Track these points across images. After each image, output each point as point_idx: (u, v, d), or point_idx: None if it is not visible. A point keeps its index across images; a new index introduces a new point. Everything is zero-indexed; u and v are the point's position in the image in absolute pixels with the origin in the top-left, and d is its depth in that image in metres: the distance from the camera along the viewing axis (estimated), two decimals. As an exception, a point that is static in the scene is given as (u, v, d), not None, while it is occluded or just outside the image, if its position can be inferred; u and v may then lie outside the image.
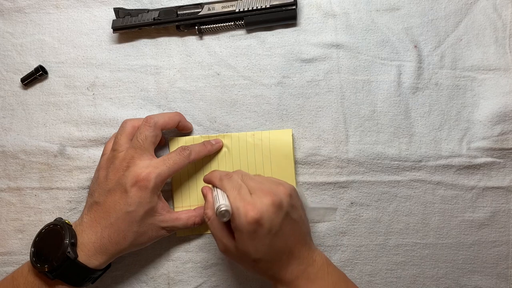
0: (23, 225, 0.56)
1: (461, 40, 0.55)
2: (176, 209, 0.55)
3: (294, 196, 0.45)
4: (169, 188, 0.55)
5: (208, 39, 0.57)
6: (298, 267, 0.44)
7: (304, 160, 0.55)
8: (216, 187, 0.47)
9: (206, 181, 0.49)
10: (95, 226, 0.48)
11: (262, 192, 0.43)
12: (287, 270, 0.44)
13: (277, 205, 0.42)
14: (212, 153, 0.54)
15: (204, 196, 0.48)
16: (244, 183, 0.45)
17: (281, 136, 0.54)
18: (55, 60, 0.57)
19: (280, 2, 0.54)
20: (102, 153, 0.53)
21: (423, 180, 0.54)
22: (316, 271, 0.45)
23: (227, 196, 0.44)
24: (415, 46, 0.55)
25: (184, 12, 0.55)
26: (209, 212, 0.46)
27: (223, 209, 0.42)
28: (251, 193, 0.43)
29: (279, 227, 0.43)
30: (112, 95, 0.57)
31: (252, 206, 0.41)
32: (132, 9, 0.56)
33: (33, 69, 0.57)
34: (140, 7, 0.57)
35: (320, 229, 0.55)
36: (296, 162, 0.55)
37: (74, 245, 0.47)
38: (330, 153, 0.55)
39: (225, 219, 0.43)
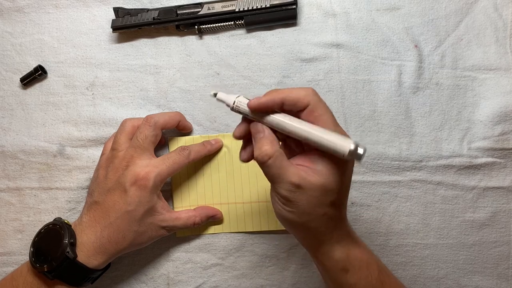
0: (22, 225, 0.56)
1: (461, 39, 0.55)
2: (176, 209, 0.54)
3: None
4: (169, 188, 0.55)
5: (208, 38, 0.56)
6: (344, 228, 0.42)
7: (304, 160, 0.55)
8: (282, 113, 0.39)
9: (264, 103, 0.38)
10: (95, 226, 0.48)
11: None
12: (346, 223, 0.42)
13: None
14: (211, 153, 0.54)
15: (255, 133, 0.39)
16: None
17: (281, 136, 0.54)
18: (55, 60, 0.57)
19: (280, 2, 0.54)
20: (102, 152, 0.53)
21: (424, 180, 0.54)
22: (357, 237, 0.44)
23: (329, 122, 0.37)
24: (416, 46, 0.55)
25: (184, 11, 0.55)
26: (269, 149, 0.37)
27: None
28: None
29: None
30: (111, 95, 0.57)
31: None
32: (132, 9, 0.56)
33: (32, 68, 0.56)
34: (140, 7, 0.57)
35: (320, 229, 0.55)
36: (296, 162, 0.55)
37: (73, 245, 0.46)
38: (330, 153, 0.54)
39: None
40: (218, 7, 0.55)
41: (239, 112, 0.39)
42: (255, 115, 0.38)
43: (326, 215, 0.39)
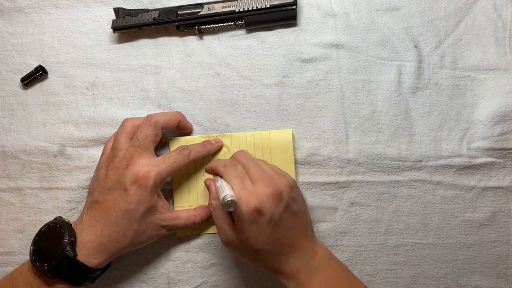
0: (23, 225, 0.56)
1: (461, 40, 0.55)
2: (176, 209, 0.55)
3: (295, 189, 0.46)
4: (169, 187, 0.55)
5: (208, 39, 0.57)
6: (299, 259, 0.45)
7: (304, 160, 0.55)
8: (220, 177, 0.47)
9: (209, 170, 0.50)
10: (95, 225, 0.48)
11: (264, 182, 0.43)
12: (288, 262, 0.45)
13: (278, 195, 0.43)
14: (212, 153, 0.54)
15: (208, 187, 0.49)
16: (248, 169, 0.45)
17: (281, 136, 0.54)
18: (55, 60, 0.57)
19: (280, 2, 0.54)
20: (102, 152, 0.53)
21: (423, 180, 0.54)
22: (317, 264, 0.45)
23: (231, 185, 0.44)
24: (415, 46, 0.55)
25: (184, 12, 0.55)
26: (214, 202, 0.47)
27: (229, 199, 0.42)
28: (253, 182, 0.44)
29: (279, 218, 0.43)
30: (112, 95, 0.57)
31: (254, 195, 0.42)
32: (132, 9, 0.56)
33: (33, 69, 0.57)
34: (140, 7, 0.57)
35: (320, 229, 0.55)
36: (296, 162, 0.55)
37: (73, 244, 0.47)
38: (330, 153, 0.55)
39: (230, 209, 0.43)
40: (218, 8, 0.55)
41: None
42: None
43: (258, 261, 0.45)
